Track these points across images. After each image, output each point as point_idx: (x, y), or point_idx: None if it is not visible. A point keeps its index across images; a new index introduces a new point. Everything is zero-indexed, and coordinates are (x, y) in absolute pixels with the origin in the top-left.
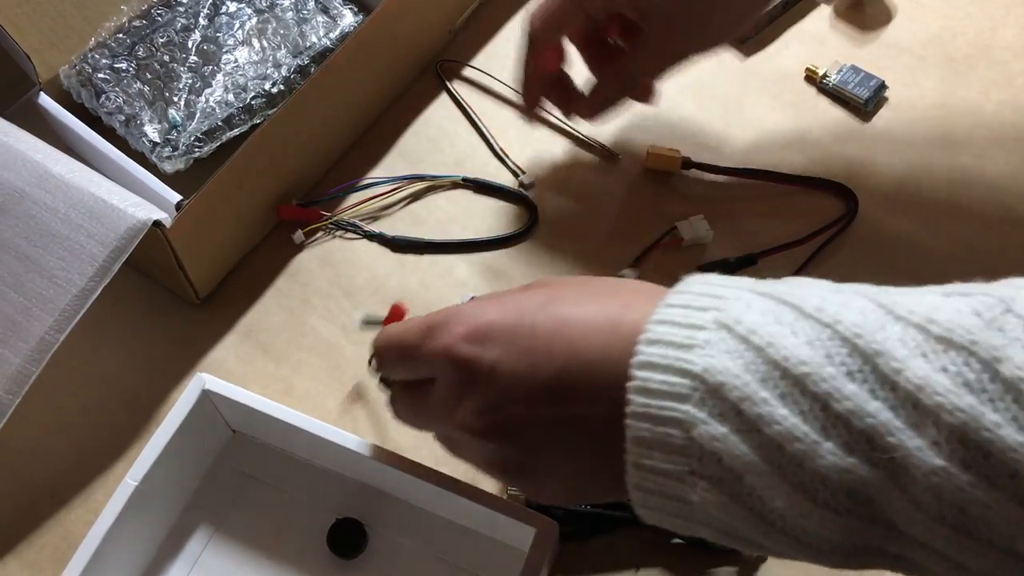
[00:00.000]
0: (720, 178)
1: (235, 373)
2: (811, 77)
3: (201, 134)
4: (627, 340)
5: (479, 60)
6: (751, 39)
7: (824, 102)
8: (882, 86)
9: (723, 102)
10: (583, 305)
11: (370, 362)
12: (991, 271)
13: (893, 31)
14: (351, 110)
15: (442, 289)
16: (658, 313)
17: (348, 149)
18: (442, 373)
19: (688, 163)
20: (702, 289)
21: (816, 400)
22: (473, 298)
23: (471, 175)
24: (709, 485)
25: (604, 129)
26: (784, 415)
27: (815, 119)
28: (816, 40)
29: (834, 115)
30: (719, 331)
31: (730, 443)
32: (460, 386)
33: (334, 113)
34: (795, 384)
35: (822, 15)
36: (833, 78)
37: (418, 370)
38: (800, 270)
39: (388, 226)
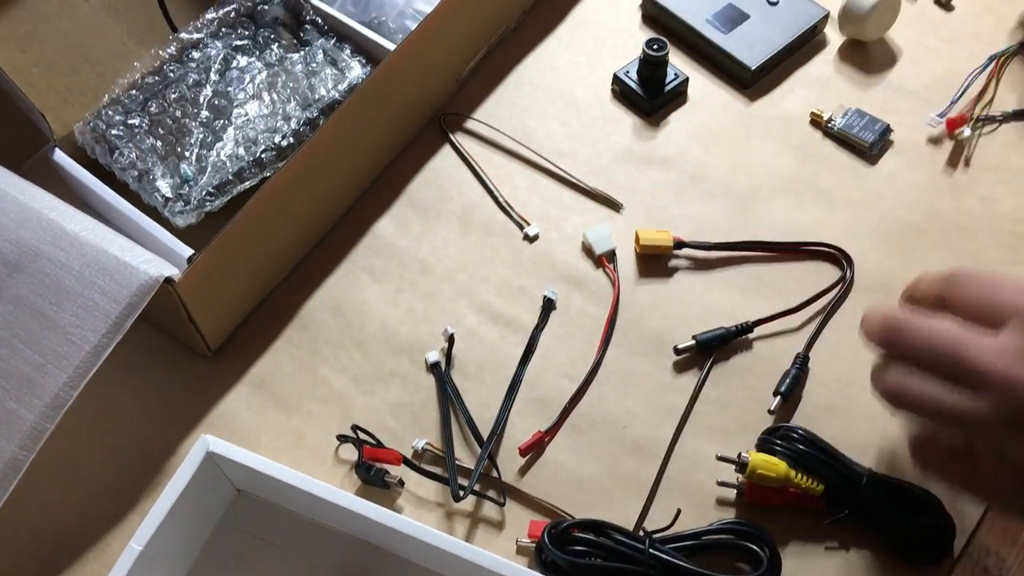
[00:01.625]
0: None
1: (247, 424)
2: (816, 121)
3: (212, 188)
4: None
5: (483, 111)
6: (756, 84)
7: (830, 146)
8: (887, 129)
9: (729, 147)
10: None
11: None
12: None
13: (898, 73)
14: (360, 160)
15: (456, 340)
16: None
17: (359, 197)
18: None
19: (680, 244)
20: None
21: None
22: None
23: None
24: None
25: (610, 177)
26: None
27: (821, 163)
28: (821, 83)
29: (839, 159)
30: None
31: None
32: None
33: (343, 164)
34: None
35: (827, 59)
36: (838, 122)
37: (991, 319)
38: (811, 339)
39: (399, 275)
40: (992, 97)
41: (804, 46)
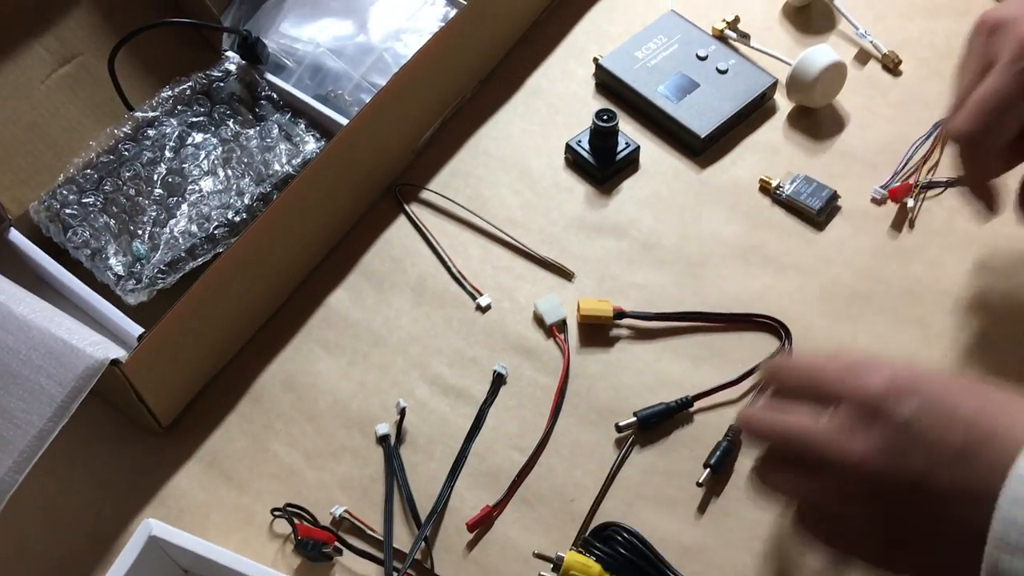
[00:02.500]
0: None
1: (197, 502)
2: (765, 188)
3: (164, 265)
4: None
5: (438, 182)
6: (707, 152)
7: (779, 212)
8: (834, 196)
9: (680, 214)
10: (1010, 393)
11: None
12: None
13: (846, 139)
14: (314, 234)
15: (408, 413)
16: None
17: (313, 270)
18: (851, 409)
19: (620, 314)
20: None
21: None
22: None
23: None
24: None
25: (562, 246)
26: None
27: (770, 230)
28: (770, 150)
29: (788, 225)
30: None
31: None
32: (866, 419)
33: (296, 238)
34: None
35: (776, 125)
36: (786, 189)
37: (824, 401)
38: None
39: (352, 347)
40: (937, 162)
41: (753, 113)
